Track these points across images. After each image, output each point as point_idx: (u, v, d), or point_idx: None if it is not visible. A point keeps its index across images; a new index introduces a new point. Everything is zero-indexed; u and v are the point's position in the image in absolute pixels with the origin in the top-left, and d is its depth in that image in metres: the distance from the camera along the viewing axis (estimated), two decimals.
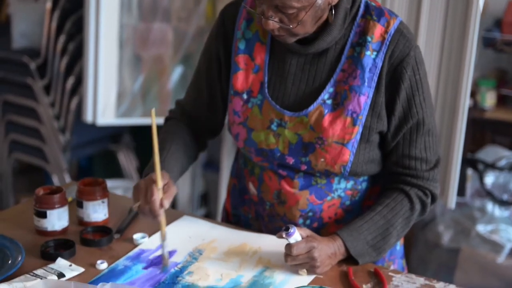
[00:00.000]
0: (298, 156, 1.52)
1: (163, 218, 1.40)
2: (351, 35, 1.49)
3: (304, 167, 1.53)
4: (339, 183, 1.56)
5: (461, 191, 2.80)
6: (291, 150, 1.52)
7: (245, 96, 1.56)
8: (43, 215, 1.57)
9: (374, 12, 1.48)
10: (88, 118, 2.99)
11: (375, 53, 1.46)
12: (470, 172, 3.12)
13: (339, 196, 1.57)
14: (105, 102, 2.97)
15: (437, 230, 3.10)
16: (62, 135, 3.16)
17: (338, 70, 1.49)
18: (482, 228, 3.00)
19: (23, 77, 3.15)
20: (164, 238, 1.40)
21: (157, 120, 1.40)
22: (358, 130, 1.48)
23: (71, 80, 3.07)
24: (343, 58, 1.49)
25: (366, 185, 1.60)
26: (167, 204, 1.39)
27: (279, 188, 1.57)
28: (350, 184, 1.57)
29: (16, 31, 3.26)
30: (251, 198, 1.67)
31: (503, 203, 3.07)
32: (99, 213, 1.64)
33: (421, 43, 2.17)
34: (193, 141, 1.68)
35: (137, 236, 1.58)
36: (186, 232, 1.60)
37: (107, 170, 3.62)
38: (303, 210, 1.57)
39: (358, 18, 1.48)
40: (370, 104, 1.48)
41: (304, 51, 1.49)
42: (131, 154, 3.51)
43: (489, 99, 3.40)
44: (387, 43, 1.46)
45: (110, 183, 1.85)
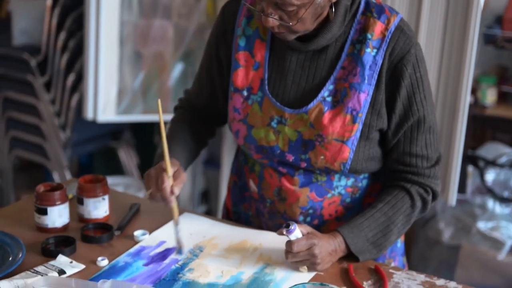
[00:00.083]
0: (298, 154, 1.52)
1: (175, 204, 1.46)
2: (351, 32, 1.48)
3: (304, 165, 1.53)
4: (339, 180, 1.56)
5: (461, 188, 2.80)
6: (291, 147, 1.52)
7: (245, 93, 1.55)
8: (44, 212, 1.58)
9: (374, 9, 1.48)
10: (89, 115, 2.99)
11: (375, 50, 1.46)
12: (470, 169, 3.12)
13: (339, 193, 1.57)
14: (105, 99, 2.97)
15: (437, 227, 3.10)
16: (62, 132, 3.16)
17: (338, 67, 1.49)
18: (482, 225, 3.00)
19: (24, 74, 3.14)
20: (177, 223, 1.48)
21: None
22: (358, 127, 1.48)
23: (71, 77, 3.06)
24: (343, 55, 1.49)
25: (367, 182, 1.60)
26: (177, 191, 1.44)
27: (280, 185, 1.57)
28: (350, 181, 1.57)
29: (16, 28, 3.26)
30: (251, 195, 1.67)
31: (503, 200, 3.07)
32: (100, 210, 1.65)
33: (421, 40, 2.17)
34: (201, 129, 1.72)
35: (137, 233, 1.58)
36: (187, 229, 1.60)
37: (107, 167, 3.62)
38: (303, 207, 1.57)
39: (359, 15, 1.48)
40: (370, 102, 1.48)
41: (304, 48, 1.49)
42: (131, 151, 3.51)
43: (489, 96, 3.40)
44: (387, 41, 1.46)
45: (110, 180, 1.85)
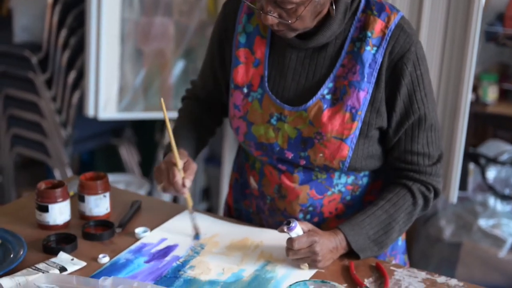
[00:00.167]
0: (297, 151, 1.52)
1: (188, 194, 1.52)
2: (352, 30, 1.48)
3: (303, 162, 1.52)
4: (339, 178, 1.56)
5: (463, 186, 2.81)
6: (290, 145, 1.52)
7: (245, 90, 1.55)
8: (45, 209, 1.58)
9: (374, 7, 1.47)
10: (90, 112, 2.99)
11: (375, 48, 1.46)
12: (472, 166, 3.12)
13: (339, 191, 1.57)
14: (106, 97, 2.97)
15: (439, 224, 3.10)
16: (63, 130, 3.16)
17: (338, 65, 1.49)
18: (484, 222, 3.00)
19: (25, 71, 3.14)
20: (191, 211, 1.56)
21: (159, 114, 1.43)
22: (357, 125, 1.48)
23: (72, 74, 3.07)
24: (343, 53, 1.48)
25: (367, 180, 1.60)
26: (188, 183, 1.48)
27: (279, 182, 1.57)
28: (350, 179, 1.57)
29: (17, 25, 3.26)
30: (252, 192, 1.67)
31: (505, 198, 3.07)
32: (101, 207, 1.65)
33: (423, 37, 2.16)
34: (208, 118, 1.74)
35: (139, 230, 1.58)
36: (188, 226, 1.60)
37: (108, 164, 3.62)
38: (303, 205, 1.57)
39: (359, 13, 1.48)
40: (370, 100, 1.47)
41: (304, 46, 1.48)
42: (132, 148, 3.51)
43: (491, 94, 3.39)
44: (387, 39, 1.45)
45: (111, 177, 1.85)
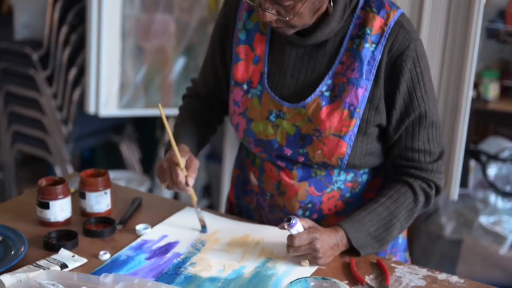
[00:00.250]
0: (296, 148, 1.52)
1: (192, 191, 1.53)
2: (351, 27, 1.48)
3: (301, 159, 1.52)
4: (339, 175, 1.56)
5: (463, 183, 2.80)
6: (289, 142, 1.52)
7: (245, 87, 1.55)
8: (46, 206, 1.58)
9: (374, 4, 1.47)
10: (91, 109, 2.99)
11: (374, 45, 1.45)
12: (473, 163, 3.11)
13: (338, 188, 1.57)
14: (107, 93, 2.97)
15: (439, 221, 3.10)
16: (64, 126, 3.16)
17: (336, 62, 1.48)
18: (484, 219, 3.00)
19: (26, 68, 3.15)
20: (196, 206, 1.57)
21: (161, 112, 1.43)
22: (356, 122, 1.47)
23: (73, 71, 3.07)
24: (342, 50, 1.48)
25: (367, 177, 1.59)
26: (192, 182, 1.49)
27: (279, 179, 1.57)
28: (350, 176, 1.57)
29: (18, 22, 3.26)
30: (252, 189, 1.67)
31: (505, 195, 3.07)
32: (102, 204, 1.65)
33: (424, 34, 2.16)
34: (209, 115, 1.74)
35: (139, 227, 1.58)
36: (189, 223, 1.61)
37: (109, 161, 3.62)
38: (302, 202, 1.57)
39: (358, 10, 1.48)
40: (368, 97, 1.47)
41: (303, 43, 1.48)
42: (133, 145, 3.51)
43: (492, 90, 3.39)
44: (386, 36, 1.45)
45: (112, 174, 1.85)
